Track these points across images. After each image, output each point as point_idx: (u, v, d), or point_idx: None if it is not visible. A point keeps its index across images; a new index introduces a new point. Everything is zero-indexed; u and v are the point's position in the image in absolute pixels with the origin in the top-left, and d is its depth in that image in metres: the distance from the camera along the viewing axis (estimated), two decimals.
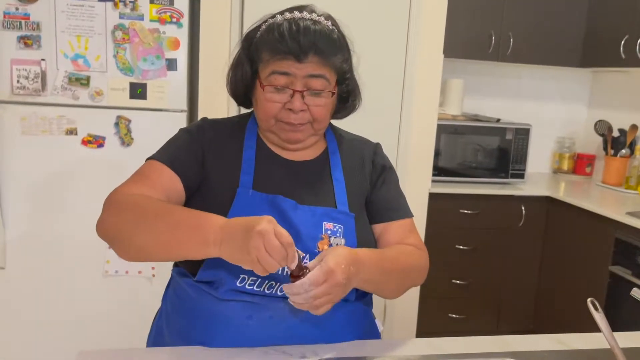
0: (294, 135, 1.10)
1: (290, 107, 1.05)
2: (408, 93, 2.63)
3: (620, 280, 2.40)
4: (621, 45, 2.81)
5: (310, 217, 1.06)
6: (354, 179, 1.17)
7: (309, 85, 1.05)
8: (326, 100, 1.08)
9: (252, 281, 1.02)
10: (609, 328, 0.94)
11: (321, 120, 1.10)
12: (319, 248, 1.04)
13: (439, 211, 2.79)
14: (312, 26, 1.05)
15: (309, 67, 1.04)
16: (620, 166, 3.05)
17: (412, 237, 1.22)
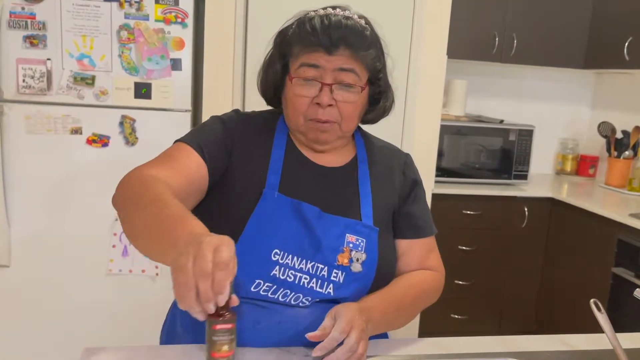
0: (321, 135, 1.06)
1: (318, 101, 1.02)
2: (411, 94, 2.63)
3: (622, 282, 2.40)
4: (625, 46, 2.81)
5: (333, 228, 1.04)
6: (381, 190, 1.13)
7: (338, 79, 1.02)
8: (356, 97, 1.05)
9: (267, 287, 1.00)
10: (612, 329, 0.95)
11: (350, 119, 1.06)
12: (339, 261, 1.02)
13: (442, 212, 2.79)
14: (343, 20, 1.03)
15: (339, 60, 1.01)
16: (624, 168, 3.05)
17: (432, 258, 1.21)
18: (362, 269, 1.03)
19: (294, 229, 1.01)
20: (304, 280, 1.00)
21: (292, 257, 1.00)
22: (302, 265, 1.00)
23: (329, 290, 1.01)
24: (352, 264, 1.03)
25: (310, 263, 1.00)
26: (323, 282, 1.01)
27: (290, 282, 0.99)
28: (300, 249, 1.00)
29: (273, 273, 0.99)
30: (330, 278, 1.01)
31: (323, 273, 1.01)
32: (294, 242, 1.00)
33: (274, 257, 0.99)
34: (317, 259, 1.00)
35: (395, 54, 2.68)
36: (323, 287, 1.01)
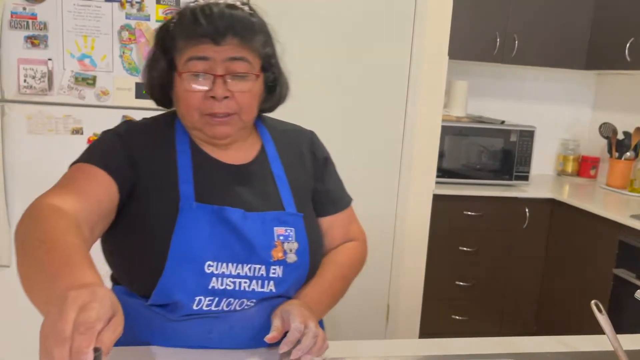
0: (221, 130, 1.01)
1: (213, 95, 0.97)
2: (413, 94, 2.63)
3: (624, 283, 2.39)
4: (626, 47, 2.80)
5: (260, 225, 1.01)
6: (296, 174, 1.12)
7: (230, 70, 0.98)
8: (251, 85, 1.01)
9: (209, 301, 0.98)
10: (613, 330, 0.95)
11: (248, 109, 1.02)
12: (274, 257, 1.00)
13: (443, 212, 2.80)
14: (227, 10, 0.99)
15: (228, 50, 0.97)
16: (625, 169, 3.05)
17: (354, 227, 1.23)
18: (297, 258, 1.03)
19: (222, 236, 0.98)
20: (244, 284, 0.98)
21: (226, 265, 0.97)
22: (239, 270, 0.98)
23: (270, 288, 1.01)
24: (287, 256, 1.02)
25: (247, 266, 0.99)
26: (263, 281, 1.00)
27: (231, 290, 0.97)
28: (233, 255, 0.98)
29: (211, 286, 0.96)
30: (269, 275, 1.00)
31: (261, 272, 0.99)
32: (225, 250, 0.98)
33: (208, 270, 0.96)
34: (253, 261, 0.99)
35: (396, 54, 2.70)
36: (264, 286, 1.00)
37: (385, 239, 2.75)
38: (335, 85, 2.57)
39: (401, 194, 2.71)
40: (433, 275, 2.84)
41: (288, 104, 2.87)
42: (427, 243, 2.78)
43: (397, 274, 2.78)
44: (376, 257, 2.75)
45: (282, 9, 2.46)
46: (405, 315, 2.83)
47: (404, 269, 2.78)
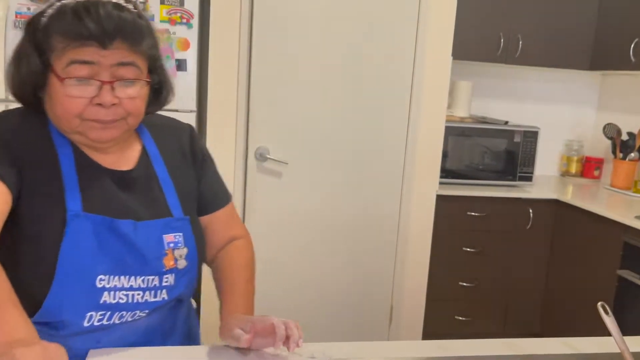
0: (106, 134, 0.94)
1: (100, 102, 0.90)
2: (416, 95, 2.63)
3: (628, 284, 2.39)
4: (631, 48, 2.80)
5: (150, 235, 0.97)
6: (180, 176, 1.07)
7: (118, 75, 0.91)
8: (140, 91, 0.95)
9: (100, 316, 0.93)
10: (620, 332, 0.94)
11: (136, 114, 0.96)
12: (166, 267, 0.98)
13: (446, 213, 2.79)
14: (114, 11, 0.90)
15: (116, 54, 0.90)
16: (629, 169, 3.04)
17: (236, 224, 1.21)
18: (187, 263, 1.01)
19: (113, 248, 0.93)
20: (137, 296, 0.95)
21: (119, 278, 0.93)
22: (132, 282, 0.94)
23: (163, 296, 0.99)
24: (177, 263, 1.00)
25: (140, 278, 0.95)
26: (156, 291, 0.98)
27: (124, 304, 0.94)
28: (125, 268, 0.94)
29: (103, 300, 0.92)
30: (162, 285, 0.98)
31: (155, 283, 0.97)
32: (117, 263, 0.93)
33: (100, 284, 0.91)
34: (146, 272, 0.96)
35: (400, 55, 2.70)
36: (157, 295, 0.98)
37: (389, 240, 2.74)
38: (339, 86, 2.57)
39: (405, 194, 2.71)
40: (436, 276, 2.83)
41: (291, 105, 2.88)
42: (430, 244, 2.78)
43: (400, 274, 2.77)
44: (379, 258, 2.75)
45: (285, 10, 2.46)
46: (408, 315, 2.83)
47: (408, 270, 2.78)
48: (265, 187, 2.58)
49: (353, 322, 2.78)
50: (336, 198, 2.65)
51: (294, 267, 2.67)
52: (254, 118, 2.51)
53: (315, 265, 2.68)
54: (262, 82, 2.49)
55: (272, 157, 2.54)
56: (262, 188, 2.58)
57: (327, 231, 2.67)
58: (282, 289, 2.66)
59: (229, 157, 2.48)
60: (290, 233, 2.63)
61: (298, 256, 2.66)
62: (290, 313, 2.96)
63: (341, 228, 2.68)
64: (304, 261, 2.67)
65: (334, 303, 2.73)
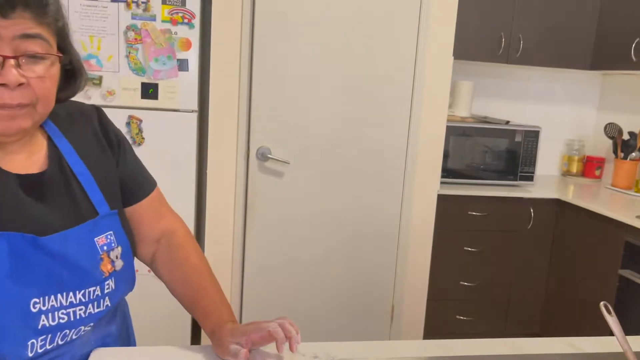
0: (14, 124, 0.78)
1: (4, 82, 0.75)
2: (418, 95, 2.63)
3: (630, 284, 2.39)
4: (632, 48, 2.80)
5: (81, 242, 0.85)
6: (99, 166, 0.94)
7: (22, 49, 0.77)
8: (50, 69, 0.80)
9: (42, 341, 0.82)
10: (622, 332, 0.94)
11: (47, 98, 0.81)
12: (105, 273, 0.88)
13: (448, 213, 2.79)
14: None
15: (20, 24, 0.75)
16: (630, 169, 3.04)
17: (166, 213, 1.08)
18: (124, 262, 0.92)
19: (42, 266, 0.81)
20: (80, 312, 0.85)
21: (54, 297, 0.82)
22: (72, 298, 0.84)
23: (106, 304, 0.89)
24: (115, 265, 0.90)
25: (80, 292, 0.84)
26: (99, 300, 0.88)
27: (65, 323, 0.83)
28: (61, 285, 0.82)
29: (41, 324, 0.81)
30: (104, 293, 0.88)
31: (97, 293, 0.87)
32: (51, 281, 0.81)
33: (35, 308, 0.80)
34: (85, 285, 0.85)
35: (401, 54, 2.70)
36: (100, 305, 0.88)
37: (390, 239, 2.75)
38: (340, 86, 2.57)
39: (406, 194, 2.71)
40: (437, 276, 2.84)
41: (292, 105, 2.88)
42: (431, 243, 2.78)
43: (401, 274, 2.78)
44: (381, 257, 2.75)
45: (286, 10, 2.46)
46: (409, 315, 2.83)
47: (409, 269, 2.78)
48: (266, 187, 2.58)
49: (354, 321, 2.78)
50: (337, 197, 2.65)
51: (295, 267, 2.67)
52: (255, 118, 2.52)
53: (316, 265, 2.68)
54: (263, 81, 2.49)
55: (273, 156, 2.54)
56: (264, 188, 2.58)
57: (328, 230, 2.67)
58: (284, 288, 2.66)
59: (231, 157, 2.49)
60: (291, 232, 2.64)
61: (299, 256, 2.66)
62: (291, 312, 2.98)
63: (342, 227, 2.68)
64: (305, 261, 2.67)
65: (335, 302, 2.74)
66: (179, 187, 2.38)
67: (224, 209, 2.52)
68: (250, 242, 2.61)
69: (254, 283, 2.64)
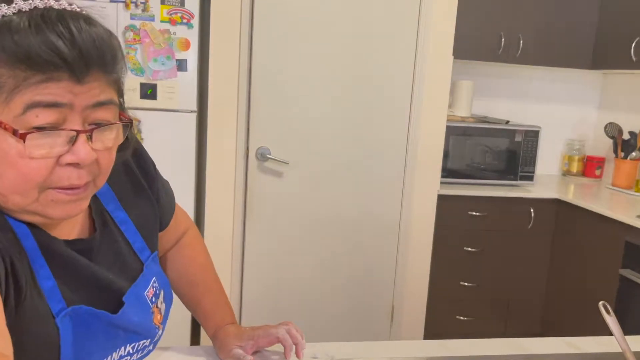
0: (77, 208, 0.68)
1: (75, 161, 0.63)
2: (417, 94, 2.63)
3: (630, 284, 2.38)
4: (632, 47, 2.79)
5: (137, 303, 0.79)
6: (137, 208, 0.84)
7: (92, 119, 0.64)
8: (117, 136, 0.69)
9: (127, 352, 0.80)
10: (621, 331, 0.94)
11: (107, 171, 0.70)
12: (157, 324, 0.84)
13: (448, 213, 2.79)
14: (86, 25, 0.62)
15: (93, 91, 0.63)
16: (631, 169, 3.03)
17: (182, 218, 1.04)
18: (165, 303, 0.87)
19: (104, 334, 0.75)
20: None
21: (111, 356, 0.77)
22: (122, 352, 0.79)
23: (149, 349, 0.86)
24: (162, 312, 0.85)
25: (131, 345, 0.80)
26: (145, 349, 0.84)
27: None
28: (116, 344, 0.77)
29: None
30: (153, 340, 0.85)
31: (145, 344, 0.83)
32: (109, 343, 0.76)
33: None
34: (139, 339, 0.81)
35: (400, 54, 2.69)
36: (145, 351, 0.85)
37: (390, 240, 2.74)
38: (340, 86, 2.57)
39: (406, 194, 2.71)
40: (438, 276, 2.83)
41: (292, 105, 2.87)
42: (431, 243, 2.78)
43: (401, 274, 2.77)
44: (381, 258, 2.75)
45: (286, 10, 2.46)
46: (410, 315, 2.82)
47: (409, 270, 2.78)
48: (266, 187, 2.58)
49: (354, 322, 2.78)
50: (337, 197, 2.65)
51: (295, 267, 2.66)
52: (254, 118, 2.51)
53: (316, 265, 2.68)
54: (262, 81, 2.49)
55: (273, 157, 2.54)
56: (263, 188, 2.58)
57: (328, 231, 2.67)
58: (284, 288, 2.66)
59: (230, 157, 2.48)
60: (291, 233, 2.63)
61: (299, 256, 2.66)
62: (291, 313, 2.97)
63: (342, 228, 2.68)
64: (305, 261, 2.67)
65: (335, 303, 2.73)
66: (178, 187, 2.36)
67: (224, 209, 2.52)
68: (250, 242, 2.60)
69: (253, 283, 2.64)
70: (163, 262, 1.04)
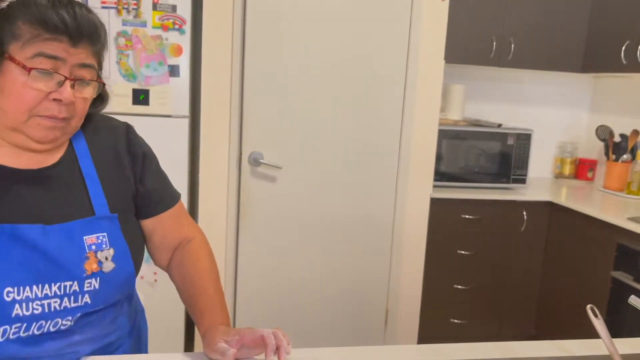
0: (51, 134, 0.91)
1: (59, 97, 0.88)
2: (409, 98, 2.64)
3: (622, 286, 2.39)
4: (622, 50, 2.82)
5: (66, 238, 0.91)
6: (110, 173, 1.02)
7: (77, 75, 0.91)
8: (92, 93, 0.95)
9: (15, 329, 0.87)
10: (609, 334, 0.95)
11: (82, 115, 0.96)
12: (88, 271, 0.92)
13: (441, 216, 2.80)
14: (85, 11, 0.92)
15: (81, 54, 0.90)
16: (622, 171, 3.05)
17: (185, 224, 1.15)
18: (115, 265, 0.96)
19: (19, 257, 0.87)
20: (54, 304, 0.89)
21: (29, 288, 0.87)
22: (47, 291, 0.88)
23: (85, 301, 0.93)
24: (102, 266, 0.94)
25: (55, 285, 0.89)
26: (76, 296, 0.92)
27: (40, 314, 0.88)
28: (36, 277, 0.88)
29: (15, 314, 0.86)
30: (83, 290, 0.92)
31: (74, 289, 0.91)
32: (26, 272, 0.87)
33: (8, 297, 0.85)
34: (62, 279, 0.90)
35: (392, 58, 2.71)
36: (78, 300, 0.92)
37: (384, 243, 2.75)
38: (331, 90, 2.58)
39: (399, 198, 2.72)
40: (431, 279, 2.84)
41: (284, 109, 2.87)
42: (425, 247, 2.79)
43: (395, 278, 2.78)
44: (374, 262, 2.75)
45: (278, 16, 2.47)
46: (404, 319, 2.83)
47: (403, 273, 2.78)
48: (259, 192, 2.58)
49: (348, 326, 2.78)
50: (330, 202, 2.66)
51: (288, 272, 2.67)
52: (247, 123, 2.52)
53: (309, 270, 2.68)
54: (255, 87, 2.50)
55: (265, 161, 2.54)
56: (256, 193, 2.58)
57: (321, 235, 2.67)
58: (277, 293, 2.66)
59: (223, 162, 2.49)
60: (284, 237, 2.64)
61: (292, 260, 2.66)
62: (285, 317, 2.97)
63: (335, 232, 2.68)
64: (298, 265, 2.67)
65: (329, 307, 2.73)
66: None
67: (217, 214, 2.52)
68: (243, 248, 2.60)
69: (246, 288, 2.64)
70: (169, 269, 1.14)
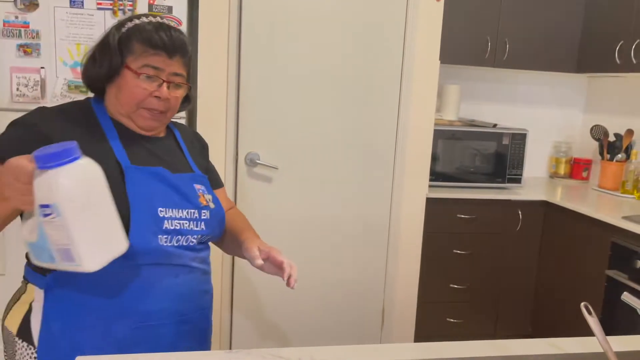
0: (152, 123, 1.26)
1: (159, 95, 1.21)
2: (405, 99, 2.65)
3: (616, 284, 2.41)
4: (616, 50, 2.83)
5: (184, 182, 1.27)
6: (194, 152, 1.41)
7: (171, 80, 1.23)
8: (182, 94, 1.28)
9: (165, 239, 1.19)
10: (603, 332, 0.96)
11: (174, 110, 1.29)
12: (203, 203, 1.27)
13: (437, 216, 2.81)
14: (177, 33, 1.24)
15: (175, 66, 1.23)
16: (617, 170, 3.07)
17: (229, 201, 1.58)
18: (215, 205, 1.32)
19: (162, 189, 1.22)
20: (185, 224, 1.23)
21: (171, 210, 1.21)
22: (181, 214, 1.22)
23: (202, 227, 1.26)
24: (208, 202, 1.30)
25: (185, 211, 1.23)
26: (197, 222, 1.25)
27: (178, 229, 1.21)
28: (174, 203, 1.22)
29: (165, 227, 1.19)
30: (201, 217, 1.26)
31: (195, 215, 1.25)
32: (168, 199, 1.21)
33: (161, 214, 1.18)
34: (188, 206, 1.24)
35: (387, 59, 2.71)
36: (198, 225, 1.25)
37: (380, 243, 2.76)
38: (327, 91, 2.58)
39: (395, 198, 2.73)
40: (427, 279, 2.85)
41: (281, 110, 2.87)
42: (421, 246, 2.80)
43: (391, 277, 2.79)
44: (371, 261, 2.76)
45: (273, 16, 2.47)
46: (400, 318, 2.84)
47: (399, 273, 2.79)
48: (255, 192, 2.58)
49: (345, 325, 2.79)
50: (326, 202, 2.66)
51: None
52: (243, 123, 2.52)
53: (306, 270, 2.69)
54: (251, 87, 2.50)
55: (262, 162, 2.54)
56: (253, 193, 2.58)
57: (317, 235, 2.68)
58: (273, 292, 2.66)
59: (219, 163, 2.49)
60: (281, 238, 2.64)
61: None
62: (281, 317, 2.97)
63: (332, 232, 2.69)
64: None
65: (325, 306, 2.74)
66: None
67: None
68: None
69: (243, 288, 2.64)
70: None
